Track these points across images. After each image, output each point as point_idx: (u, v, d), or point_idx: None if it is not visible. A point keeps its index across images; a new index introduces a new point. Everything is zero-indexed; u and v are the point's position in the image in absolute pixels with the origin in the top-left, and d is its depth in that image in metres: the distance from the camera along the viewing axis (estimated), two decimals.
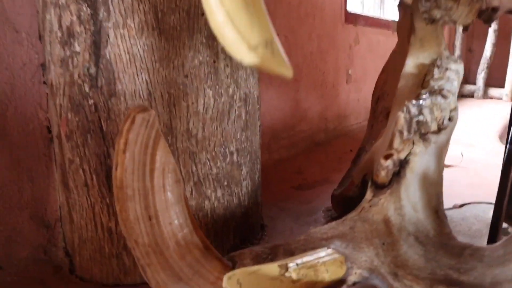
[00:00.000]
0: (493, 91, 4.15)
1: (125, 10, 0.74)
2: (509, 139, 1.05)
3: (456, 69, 0.95)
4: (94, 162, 0.80)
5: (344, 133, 2.40)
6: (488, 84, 4.12)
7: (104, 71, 0.76)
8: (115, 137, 0.78)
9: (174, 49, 0.79)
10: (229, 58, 0.87)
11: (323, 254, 0.58)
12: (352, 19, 2.32)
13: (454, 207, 1.39)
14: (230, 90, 0.89)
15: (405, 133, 0.72)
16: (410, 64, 1.05)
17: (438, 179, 0.80)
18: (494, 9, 1.04)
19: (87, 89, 0.76)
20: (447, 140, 0.86)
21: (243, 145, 0.95)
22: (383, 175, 0.65)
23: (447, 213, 0.80)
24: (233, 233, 0.97)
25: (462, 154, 1.90)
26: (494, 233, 1.00)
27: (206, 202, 0.89)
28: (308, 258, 0.56)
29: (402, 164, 0.70)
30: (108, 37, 0.74)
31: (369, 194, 0.68)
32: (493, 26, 4.01)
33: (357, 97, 2.54)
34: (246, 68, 0.93)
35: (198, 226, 0.61)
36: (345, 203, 1.23)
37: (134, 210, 0.56)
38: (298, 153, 1.95)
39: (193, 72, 0.82)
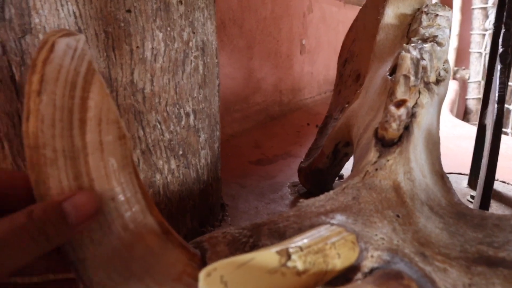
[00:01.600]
0: None
1: None
2: (496, 97, 0.96)
3: (446, 15, 0.82)
4: (5, 124, 0.59)
5: (298, 106, 2.26)
6: None
7: None
8: None
9: None
10: None
11: (327, 232, 0.42)
12: None
13: None
14: (185, 35, 0.70)
15: (412, 78, 0.58)
16: (390, 14, 0.91)
17: (438, 139, 0.67)
18: None
19: None
20: (445, 94, 0.73)
21: (201, 106, 0.77)
22: (394, 128, 0.50)
23: None
24: (191, 215, 0.80)
25: None
26: (486, 202, 0.90)
27: (158, 176, 0.71)
28: (311, 239, 0.40)
29: (410, 117, 0.56)
30: None
31: (373, 155, 0.53)
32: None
33: (311, 70, 2.40)
34: (203, 9, 0.74)
35: (152, 202, 0.43)
36: (314, 176, 1.09)
37: (57, 181, 0.37)
38: (253, 127, 1.79)
39: (137, 6, 0.63)
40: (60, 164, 0.38)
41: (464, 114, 3.91)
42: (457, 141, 1.71)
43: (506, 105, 3.01)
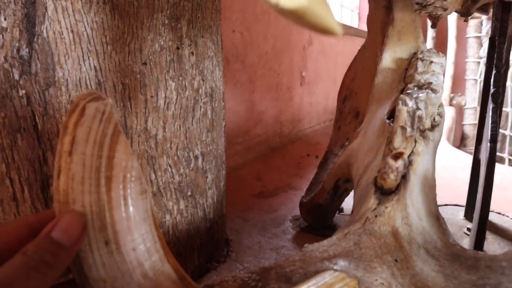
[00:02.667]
0: None
1: None
2: (489, 137, 1.00)
3: (440, 62, 0.87)
4: (26, 169, 0.63)
5: (298, 137, 2.31)
6: None
7: (40, 54, 0.59)
8: (54, 137, 0.62)
9: (130, 29, 0.64)
10: (194, 44, 0.73)
11: (331, 279, 0.46)
12: None
13: None
14: (195, 83, 0.75)
15: (409, 129, 0.62)
16: (388, 59, 0.96)
17: (434, 181, 0.71)
18: (474, 1, 0.99)
19: (16, 76, 0.60)
20: (440, 138, 0.77)
21: (208, 148, 0.81)
22: (392, 179, 0.54)
23: None
24: (198, 252, 0.83)
25: None
26: (481, 238, 0.93)
27: (167, 217, 0.75)
28: (316, 286, 0.43)
29: (407, 166, 0.60)
30: (46, 9, 0.58)
31: (373, 202, 0.56)
32: (431, 33, 4.14)
33: (310, 101, 2.46)
34: (212, 58, 0.79)
35: (169, 250, 0.47)
36: (315, 211, 1.12)
37: (86, 234, 0.41)
38: (254, 159, 1.83)
39: (152, 59, 0.67)
40: (88, 218, 0.41)
41: (461, 140, 3.97)
42: (454, 172, 1.75)
43: (502, 130, 3.07)
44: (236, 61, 1.65)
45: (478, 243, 0.93)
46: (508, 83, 3.05)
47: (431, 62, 0.87)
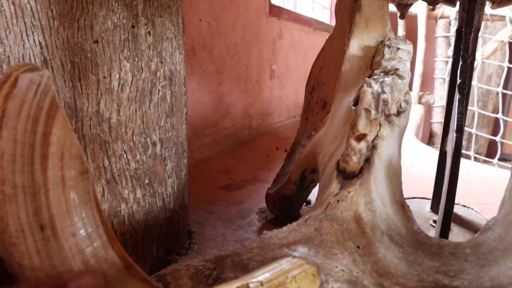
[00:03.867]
0: None
1: None
2: (455, 127, 0.99)
3: (407, 49, 0.86)
4: None
5: (268, 131, 2.28)
6: None
7: None
8: None
9: (80, 3, 0.60)
10: (151, 23, 0.69)
11: (288, 265, 0.43)
12: (276, 12, 2.22)
13: None
14: (153, 65, 0.71)
15: (373, 111, 0.60)
16: (355, 46, 0.94)
17: (399, 168, 0.69)
18: None
19: None
20: (406, 125, 0.75)
21: (168, 135, 0.77)
22: (354, 161, 0.52)
23: None
24: (157, 244, 0.79)
25: None
26: (446, 227, 0.93)
27: (123, 206, 0.70)
28: (272, 273, 0.41)
29: (370, 149, 0.57)
30: None
31: (335, 187, 0.54)
32: (401, 32, 4.19)
33: (280, 94, 2.44)
34: (171, 40, 0.75)
35: (115, 236, 0.43)
36: (281, 203, 1.10)
37: (17, 217, 0.37)
38: (222, 152, 1.80)
39: (105, 37, 0.63)
40: (20, 201, 0.37)
41: (429, 137, 4.03)
42: (422, 166, 1.76)
43: (468, 129, 3.13)
44: (203, 51, 1.61)
45: (444, 232, 0.93)
46: (474, 83, 3.12)
47: (398, 48, 0.85)
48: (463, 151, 3.23)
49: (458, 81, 1.03)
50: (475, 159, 3.14)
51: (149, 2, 0.68)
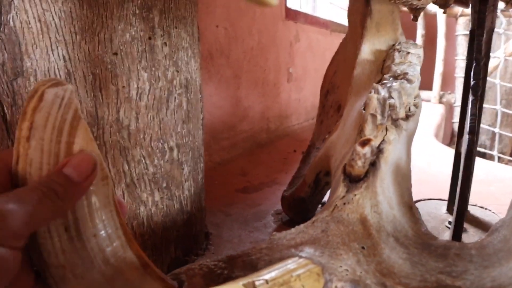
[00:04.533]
0: (422, 94, 4.39)
1: None
2: (467, 128, 1.00)
3: (417, 53, 0.88)
4: None
5: (286, 133, 2.31)
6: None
7: (6, 43, 0.59)
8: None
9: (100, 18, 0.64)
10: (167, 34, 0.73)
11: (294, 265, 0.46)
12: (292, 15, 2.25)
13: None
14: (169, 74, 0.75)
15: (379, 116, 0.62)
16: (366, 50, 0.96)
17: (408, 171, 0.71)
18: None
19: None
20: (415, 128, 0.77)
21: (184, 140, 0.81)
22: (359, 165, 0.54)
23: None
24: (175, 245, 0.83)
25: None
26: (459, 229, 0.94)
27: (142, 208, 0.74)
28: (278, 272, 0.43)
29: (376, 154, 0.60)
30: None
31: (341, 190, 0.57)
32: (421, 31, 4.16)
33: (298, 97, 2.46)
34: (187, 49, 0.79)
35: (132, 237, 0.46)
36: (296, 205, 1.12)
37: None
38: (240, 155, 1.83)
39: (123, 49, 0.67)
40: None
41: (451, 137, 3.98)
42: (440, 167, 1.76)
43: (491, 128, 3.09)
44: (221, 56, 1.65)
45: (456, 234, 0.94)
46: (496, 81, 3.08)
47: (408, 53, 0.87)
48: (486, 151, 3.19)
49: (472, 82, 1.04)
50: (499, 159, 3.09)
51: (165, 14, 0.72)
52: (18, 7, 0.58)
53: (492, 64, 3.02)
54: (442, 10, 1.06)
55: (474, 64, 1.06)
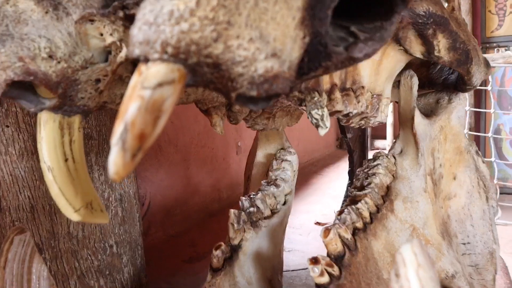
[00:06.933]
0: (377, 143, 4.90)
1: (6, 140, 0.91)
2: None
3: (291, 159, 1.21)
4: None
5: (238, 200, 2.61)
6: (373, 136, 4.77)
7: None
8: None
9: None
10: (102, 168, 1.05)
11: None
12: None
13: None
14: (106, 194, 1.06)
15: (236, 225, 0.94)
16: (260, 155, 1.30)
17: (273, 254, 1.02)
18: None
19: None
20: (281, 220, 1.09)
21: (122, 237, 1.11)
22: (215, 262, 0.86)
23: None
24: None
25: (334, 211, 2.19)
26: None
27: None
28: None
29: (235, 249, 0.91)
30: None
31: (208, 277, 0.87)
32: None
33: None
34: None
35: None
36: None
37: None
38: (192, 226, 2.13)
39: None
40: None
41: None
42: None
43: None
44: (169, 145, 1.98)
45: None
46: None
47: (283, 160, 1.20)
48: None
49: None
50: None
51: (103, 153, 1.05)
52: None
53: None
54: None
55: None
